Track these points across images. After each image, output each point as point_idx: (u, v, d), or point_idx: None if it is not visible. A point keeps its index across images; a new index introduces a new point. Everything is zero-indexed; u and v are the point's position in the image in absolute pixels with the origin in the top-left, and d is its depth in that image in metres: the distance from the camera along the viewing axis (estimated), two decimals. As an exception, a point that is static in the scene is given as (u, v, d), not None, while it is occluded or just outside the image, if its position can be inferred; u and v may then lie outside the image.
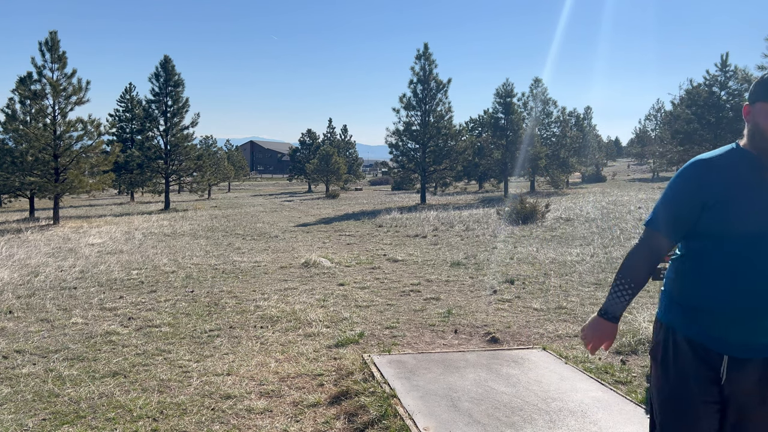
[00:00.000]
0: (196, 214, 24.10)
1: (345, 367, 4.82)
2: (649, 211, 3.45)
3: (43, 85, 20.57)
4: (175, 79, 30.20)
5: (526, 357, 5.00)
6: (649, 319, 5.99)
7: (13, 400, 4.22)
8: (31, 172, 20.60)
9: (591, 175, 51.60)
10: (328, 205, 29.92)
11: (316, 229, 17.17)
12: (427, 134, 29.17)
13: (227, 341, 5.68)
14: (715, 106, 26.83)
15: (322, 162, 48.68)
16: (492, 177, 40.94)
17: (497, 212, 18.45)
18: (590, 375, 4.58)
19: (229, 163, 55.12)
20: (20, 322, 6.43)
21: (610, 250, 10.94)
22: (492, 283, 8.38)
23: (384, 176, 60.16)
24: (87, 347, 5.49)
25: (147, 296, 7.79)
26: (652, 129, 55.81)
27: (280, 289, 8.17)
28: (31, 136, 19.82)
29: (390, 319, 6.49)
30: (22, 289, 8.27)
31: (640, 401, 4.08)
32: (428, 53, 29.01)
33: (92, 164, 21.56)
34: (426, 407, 3.95)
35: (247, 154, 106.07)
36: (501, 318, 6.47)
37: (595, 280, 8.37)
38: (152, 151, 30.64)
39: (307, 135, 62.45)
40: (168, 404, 4.13)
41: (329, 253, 11.64)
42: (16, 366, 4.96)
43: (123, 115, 44.73)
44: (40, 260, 11.01)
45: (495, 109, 37.35)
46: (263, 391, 4.37)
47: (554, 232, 13.97)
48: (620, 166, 77.27)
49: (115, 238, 14.84)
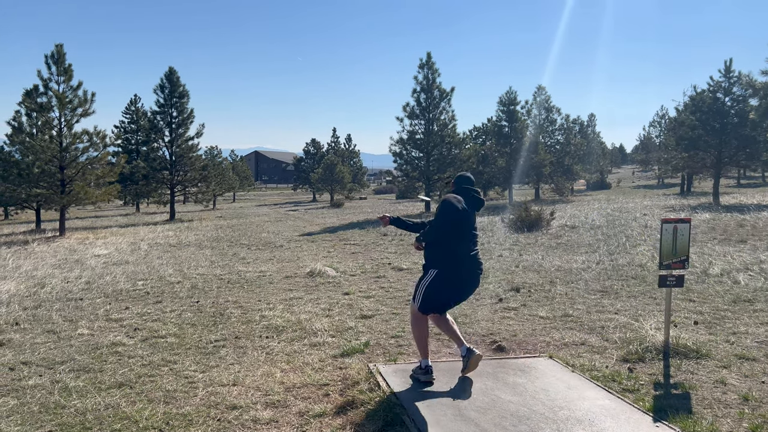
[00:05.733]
0: (201, 225, 24.15)
1: (351, 377, 4.80)
2: (655, 217, 3.44)
3: (50, 97, 20.69)
4: (180, 90, 30.37)
5: (532, 365, 4.98)
6: (656, 326, 5.96)
7: (20, 411, 4.22)
8: (37, 184, 20.70)
9: (596, 182, 51.47)
10: (333, 214, 29.93)
11: (320, 238, 17.17)
12: (430, 143, 29.20)
13: (233, 351, 5.68)
14: (720, 112, 26.75)
15: (327, 171, 48.76)
16: (496, 185, 40.88)
17: (502, 220, 18.42)
18: (597, 383, 4.55)
19: (234, 174, 55.29)
20: (27, 334, 6.45)
21: (616, 258, 10.90)
22: (498, 291, 8.35)
23: (388, 185, 60.23)
24: (93, 358, 5.50)
25: (153, 307, 7.80)
26: (656, 135, 55.65)
27: (285, 299, 8.16)
28: (37, 148, 19.92)
29: (395, 328, 6.47)
30: (28, 301, 8.30)
31: (648, 409, 4.06)
32: (431, 62, 29.09)
33: (98, 175, 21.65)
34: (432, 416, 3.93)
35: (251, 165, 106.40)
36: (507, 326, 6.44)
37: (601, 288, 8.34)
38: (157, 162, 30.77)
39: (311, 144, 62.60)
40: (174, 415, 4.12)
41: (334, 263, 11.64)
42: (22, 377, 4.97)
43: (128, 127, 44.94)
44: (47, 272, 11.05)
45: (498, 117, 37.35)
46: (269, 402, 4.36)
47: (559, 240, 13.93)
48: (625, 173, 77.10)
49: (121, 249, 14.88)
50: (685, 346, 5.28)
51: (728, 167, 30.31)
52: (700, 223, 15.60)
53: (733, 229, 14.45)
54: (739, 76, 27.00)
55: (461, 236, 4.55)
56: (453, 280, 4.55)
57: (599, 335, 5.99)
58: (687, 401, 4.24)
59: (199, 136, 31.13)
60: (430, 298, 4.56)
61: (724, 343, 5.58)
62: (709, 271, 9.18)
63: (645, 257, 10.75)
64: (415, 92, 29.26)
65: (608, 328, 6.20)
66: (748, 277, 8.65)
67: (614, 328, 6.21)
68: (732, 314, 6.68)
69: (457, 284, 4.59)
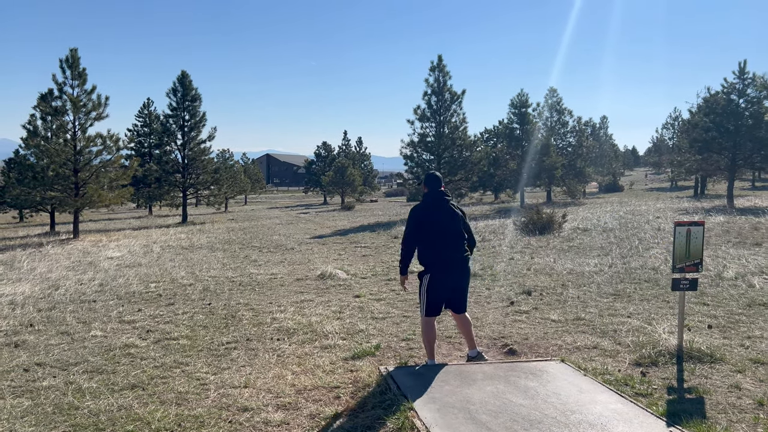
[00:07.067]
0: (213, 227, 24.28)
1: (362, 380, 4.80)
2: (668, 220, 3.41)
3: (64, 101, 20.93)
4: (192, 93, 30.57)
5: (544, 369, 4.95)
6: (669, 330, 5.90)
7: (34, 412, 4.27)
8: (51, 187, 20.93)
9: (608, 184, 51.12)
10: (344, 216, 29.97)
11: (331, 241, 17.20)
12: (441, 145, 29.16)
13: (244, 354, 5.70)
14: (734, 114, 26.47)
15: (338, 174, 48.85)
16: (508, 187, 40.77)
17: (513, 223, 18.35)
18: (610, 387, 4.52)
19: (246, 176, 55.53)
20: (41, 335, 6.51)
21: (628, 261, 10.82)
22: (509, 294, 8.32)
23: (399, 188, 60.21)
24: (106, 360, 5.54)
25: (165, 309, 7.85)
26: (669, 138, 55.17)
27: (296, 302, 8.18)
28: (51, 151, 20.14)
29: (406, 330, 6.47)
30: (43, 303, 8.38)
31: (662, 414, 4.02)
32: (442, 65, 29.05)
33: (111, 178, 21.83)
34: (443, 420, 3.92)
35: (263, 167, 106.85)
36: (518, 329, 6.41)
37: (614, 291, 8.28)
38: (170, 165, 30.98)
39: (322, 147, 62.76)
40: (186, 417, 4.15)
41: (345, 265, 11.65)
42: (36, 379, 5.02)
43: (141, 130, 45.30)
44: (61, 274, 11.16)
45: (510, 119, 37.27)
46: (280, 404, 4.37)
47: (571, 243, 13.86)
48: (637, 176, 76.55)
49: (134, 252, 14.99)
50: (698, 350, 5.23)
51: (743, 169, 29.99)
52: (714, 226, 15.45)
53: (747, 232, 14.30)
54: (753, 78, 26.74)
55: (432, 240, 5.01)
56: (436, 279, 5.04)
57: (612, 339, 5.94)
58: (701, 406, 4.19)
59: (211, 139, 31.32)
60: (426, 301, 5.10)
61: (738, 348, 5.52)
62: (723, 274, 9.08)
63: (658, 260, 10.67)
64: (426, 95, 29.24)
65: (621, 332, 6.15)
66: (763, 281, 8.55)
67: (627, 331, 6.16)
68: (747, 318, 6.61)
69: (441, 283, 5.05)
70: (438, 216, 5.03)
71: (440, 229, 5.01)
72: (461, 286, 5.16)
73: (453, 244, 5.03)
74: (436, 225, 5.01)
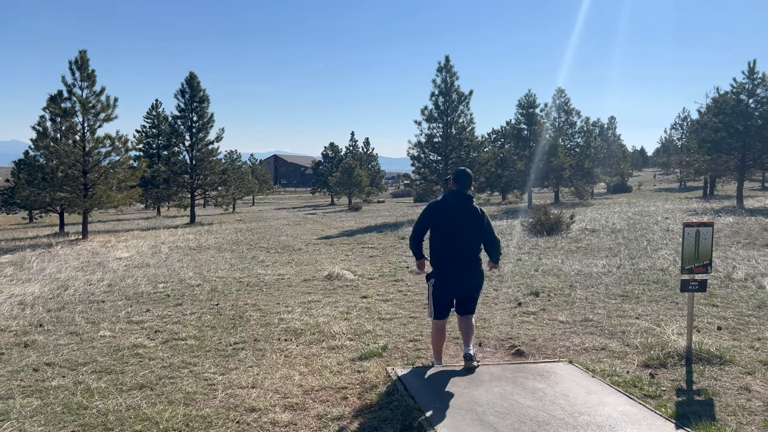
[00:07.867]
0: (221, 228, 24.36)
1: (369, 380, 4.80)
2: (677, 221, 3.40)
3: (73, 102, 21.08)
4: (200, 95, 30.71)
5: (552, 370, 4.94)
6: (678, 331, 5.87)
7: (43, 412, 4.29)
8: (61, 188, 21.07)
9: (616, 185, 50.91)
10: (351, 217, 30.00)
11: (339, 241, 17.22)
12: (449, 146, 29.13)
13: (252, 354, 5.71)
14: (743, 114, 26.29)
15: (345, 175, 48.91)
16: (515, 188, 40.66)
17: (521, 223, 18.31)
18: (618, 389, 4.49)
19: (253, 177, 55.73)
20: (50, 335, 6.56)
21: (637, 262, 10.76)
22: (517, 295, 8.30)
23: (406, 188, 60.19)
24: (115, 360, 5.57)
25: (173, 309, 7.88)
26: (678, 138, 54.88)
27: (303, 302, 8.20)
28: (61, 152, 20.29)
29: (413, 331, 6.46)
30: (52, 303, 8.43)
31: (670, 416, 4.00)
32: (449, 65, 29.02)
33: (120, 179, 21.96)
34: (450, 421, 3.91)
35: (270, 168, 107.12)
36: (526, 331, 6.40)
37: (622, 292, 8.24)
38: (178, 166, 31.11)
39: (329, 148, 62.88)
40: (193, 417, 4.16)
41: (352, 266, 11.66)
42: (46, 378, 5.05)
43: (149, 131, 45.55)
44: (70, 274, 11.23)
45: (518, 120, 37.18)
46: (287, 404, 4.38)
47: (579, 244, 13.80)
48: (646, 176, 76.20)
49: (142, 252, 15.06)
50: (708, 351, 5.20)
51: (752, 170, 29.79)
52: (724, 227, 15.34)
53: (757, 232, 14.19)
54: (763, 78, 26.55)
55: (438, 237, 4.98)
56: (439, 281, 5.01)
57: (620, 340, 5.91)
58: (710, 408, 4.17)
59: (219, 140, 31.44)
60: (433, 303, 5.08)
61: (748, 349, 5.48)
62: (732, 275, 9.02)
63: (667, 261, 10.61)
64: (434, 95, 29.22)
65: (629, 333, 6.12)
66: (773, 282, 8.48)
67: (635, 333, 6.13)
68: (756, 320, 6.56)
69: (444, 283, 5.01)
70: (450, 213, 4.95)
71: (449, 228, 4.93)
72: (468, 289, 5.07)
73: (461, 245, 4.95)
74: (445, 223, 4.94)
